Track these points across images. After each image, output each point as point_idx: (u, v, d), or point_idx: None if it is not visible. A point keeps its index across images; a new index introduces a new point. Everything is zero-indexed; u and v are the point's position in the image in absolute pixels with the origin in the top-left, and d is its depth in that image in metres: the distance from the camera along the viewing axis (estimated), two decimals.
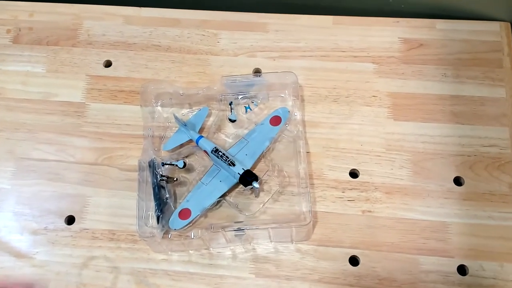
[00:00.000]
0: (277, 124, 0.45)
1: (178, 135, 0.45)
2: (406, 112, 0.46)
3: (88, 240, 0.42)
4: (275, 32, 0.51)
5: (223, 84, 0.45)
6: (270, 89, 0.46)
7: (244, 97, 0.46)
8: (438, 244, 0.40)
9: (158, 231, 0.39)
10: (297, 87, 0.45)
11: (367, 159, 0.44)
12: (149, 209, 0.41)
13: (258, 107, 0.46)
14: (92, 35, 0.51)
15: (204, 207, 0.41)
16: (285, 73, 0.45)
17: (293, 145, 0.44)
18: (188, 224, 0.40)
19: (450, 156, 0.44)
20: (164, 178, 0.42)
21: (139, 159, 0.42)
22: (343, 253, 0.40)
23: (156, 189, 0.41)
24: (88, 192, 0.44)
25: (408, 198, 0.42)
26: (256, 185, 0.40)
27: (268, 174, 0.43)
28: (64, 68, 0.50)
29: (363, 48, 0.49)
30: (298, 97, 0.45)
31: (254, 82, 0.45)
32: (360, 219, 0.42)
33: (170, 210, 0.41)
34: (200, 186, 0.42)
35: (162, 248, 0.41)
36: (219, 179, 0.42)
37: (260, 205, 0.42)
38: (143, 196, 0.40)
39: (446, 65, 0.48)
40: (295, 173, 0.43)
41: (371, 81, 0.48)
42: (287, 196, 0.43)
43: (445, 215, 0.42)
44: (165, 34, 0.51)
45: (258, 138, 0.44)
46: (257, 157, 0.43)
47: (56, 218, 0.43)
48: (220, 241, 0.40)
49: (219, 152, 0.42)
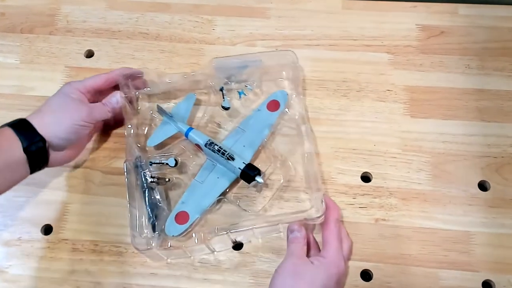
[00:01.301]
0: (276, 109, 0.43)
1: (163, 128, 0.43)
2: (424, 108, 0.45)
3: (68, 252, 0.40)
4: (277, 18, 0.49)
5: (213, 67, 0.43)
6: (266, 71, 0.45)
7: (236, 81, 0.44)
8: (461, 256, 0.39)
9: (155, 240, 0.37)
10: (296, 67, 0.44)
11: (381, 161, 0.43)
12: (142, 216, 0.39)
13: (253, 92, 0.45)
14: (71, 21, 0.50)
15: (203, 208, 0.39)
16: (282, 51, 0.44)
17: (296, 131, 0.43)
18: (187, 229, 0.39)
19: (475, 158, 0.42)
20: (155, 180, 0.40)
21: (125, 160, 0.40)
22: (353, 267, 0.39)
23: (147, 193, 0.39)
24: (68, 198, 0.42)
25: (427, 205, 0.41)
26: (260, 180, 0.39)
27: (272, 167, 0.41)
28: (40, 59, 0.48)
29: (377, 36, 0.48)
30: (298, 78, 0.44)
31: (248, 64, 0.43)
32: (373, 228, 0.40)
33: (165, 215, 0.39)
34: (195, 185, 0.40)
35: (162, 258, 0.39)
36: (216, 175, 0.40)
37: (264, 201, 0.40)
38: (134, 203, 0.39)
39: (470, 55, 0.47)
40: (300, 163, 0.42)
41: (386, 74, 0.46)
42: (293, 189, 0.41)
43: (468, 224, 0.40)
44: (153, 21, 0.50)
45: (256, 126, 0.42)
46: (257, 147, 0.41)
47: (31, 228, 0.41)
48: (226, 244, 0.39)
49: (215, 146, 0.40)
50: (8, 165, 0.34)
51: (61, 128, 0.37)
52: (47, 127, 0.36)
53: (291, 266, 0.34)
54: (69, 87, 0.39)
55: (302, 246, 0.36)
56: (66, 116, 0.37)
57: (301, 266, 0.34)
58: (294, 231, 0.37)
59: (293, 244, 0.36)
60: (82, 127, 0.38)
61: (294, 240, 0.36)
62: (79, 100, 0.38)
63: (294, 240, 0.36)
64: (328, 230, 0.37)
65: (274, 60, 0.44)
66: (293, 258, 0.35)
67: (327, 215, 0.37)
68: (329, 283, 0.34)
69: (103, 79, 0.40)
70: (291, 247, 0.36)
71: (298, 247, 0.36)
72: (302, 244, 0.36)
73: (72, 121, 0.37)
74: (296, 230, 0.37)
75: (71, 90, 0.38)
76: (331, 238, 0.36)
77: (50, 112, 0.37)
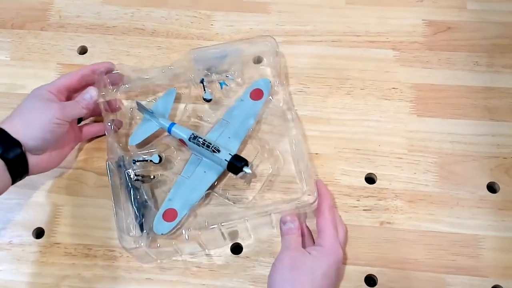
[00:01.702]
0: (259, 97, 0.43)
1: (144, 125, 0.42)
2: (431, 106, 0.44)
3: (60, 257, 0.39)
4: (278, 13, 0.49)
5: (192, 58, 0.42)
6: (247, 60, 0.45)
7: (217, 72, 0.44)
8: (469, 261, 0.38)
9: (144, 240, 0.37)
10: (275, 52, 0.43)
11: (386, 161, 0.42)
12: (128, 216, 0.39)
13: (235, 82, 0.44)
14: (64, 16, 0.49)
15: (192, 203, 0.39)
16: (262, 37, 0.43)
17: (282, 119, 0.43)
18: (176, 226, 0.38)
19: (483, 159, 0.42)
20: (139, 178, 0.39)
21: (107, 160, 0.40)
22: (358, 272, 0.38)
23: (132, 192, 0.39)
24: (60, 201, 0.41)
25: (434, 207, 0.40)
26: (248, 171, 0.39)
27: (259, 157, 0.41)
28: (31, 56, 0.47)
29: (382, 32, 0.48)
30: (278, 65, 0.44)
31: (227, 53, 0.43)
32: (378, 232, 0.40)
33: (152, 213, 0.39)
34: (182, 181, 0.40)
35: (151, 258, 0.39)
36: (202, 170, 0.40)
37: (254, 192, 0.40)
38: (119, 203, 0.38)
39: (478, 52, 0.46)
40: (289, 150, 0.42)
41: (391, 71, 0.46)
42: (283, 178, 0.41)
43: (477, 227, 0.40)
44: (149, 16, 0.49)
45: (240, 116, 0.42)
46: (243, 138, 0.41)
47: (22, 231, 0.40)
48: (218, 240, 0.38)
49: (199, 139, 0.40)
50: None
51: (34, 128, 0.36)
52: (19, 131, 0.35)
53: (288, 260, 0.34)
54: (38, 90, 0.38)
55: (296, 237, 0.36)
56: (36, 116, 0.36)
57: (298, 258, 0.34)
58: (287, 222, 0.36)
59: (288, 236, 0.36)
60: (56, 125, 0.37)
61: (288, 232, 0.36)
62: (49, 99, 0.38)
63: (288, 232, 0.36)
64: (322, 217, 0.36)
65: (254, 48, 0.43)
66: (290, 251, 0.35)
67: (320, 202, 0.37)
68: (329, 271, 0.34)
69: (75, 77, 0.40)
70: (286, 239, 0.36)
71: (293, 239, 0.35)
72: (297, 235, 0.36)
73: (43, 120, 0.36)
74: (289, 221, 0.36)
75: (40, 92, 0.38)
76: (326, 225, 0.36)
77: (20, 116, 0.36)
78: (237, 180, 0.41)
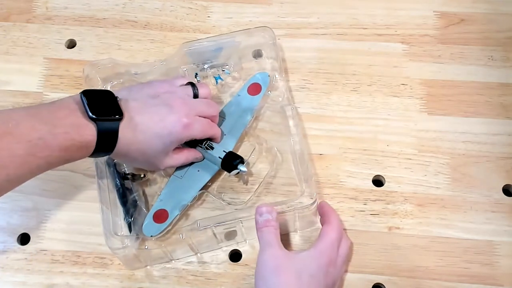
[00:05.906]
0: (257, 92, 0.43)
1: None
2: (443, 104, 0.45)
3: (47, 264, 0.40)
4: (279, 4, 0.49)
5: (185, 52, 0.43)
6: (243, 52, 0.45)
7: (212, 66, 0.45)
8: (483, 269, 0.39)
9: (131, 240, 0.38)
10: (274, 44, 0.44)
11: (394, 163, 0.43)
12: (117, 216, 0.40)
13: (231, 76, 0.45)
14: (51, 8, 0.50)
15: (184, 204, 0.39)
16: (258, 28, 0.44)
17: (281, 115, 0.43)
18: (166, 228, 0.39)
19: (499, 160, 0.42)
20: (129, 177, 0.40)
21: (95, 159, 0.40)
22: (365, 280, 0.39)
23: (121, 191, 0.40)
24: (47, 205, 0.42)
25: (446, 211, 0.41)
26: (243, 169, 0.39)
27: (256, 154, 0.42)
28: (16, 50, 0.48)
29: (390, 25, 0.48)
30: (277, 57, 0.44)
31: (222, 45, 0.44)
32: (386, 237, 0.40)
33: (143, 214, 0.40)
34: (174, 181, 0.40)
35: (140, 262, 0.39)
36: (196, 169, 0.41)
37: (251, 192, 0.41)
38: (107, 203, 0.39)
39: (493, 46, 0.47)
40: (289, 149, 0.42)
41: (400, 66, 0.46)
42: (281, 177, 0.42)
43: (492, 232, 0.40)
44: (142, 7, 0.50)
45: (237, 112, 0.43)
46: (239, 135, 0.42)
47: (6, 237, 0.41)
48: (210, 243, 0.39)
49: None
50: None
51: (139, 160, 0.37)
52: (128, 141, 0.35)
53: (272, 260, 0.34)
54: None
55: (275, 230, 0.35)
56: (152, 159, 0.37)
57: (283, 257, 0.34)
58: (264, 213, 0.35)
59: (266, 229, 0.35)
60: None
61: (266, 223, 0.35)
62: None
63: (266, 223, 0.35)
64: (328, 224, 0.36)
65: (251, 39, 0.44)
66: (272, 249, 0.34)
67: (330, 214, 0.37)
68: (317, 273, 0.33)
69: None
70: (265, 233, 0.35)
71: (273, 232, 0.35)
72: (275, 227, 0.35)
73: (152, 164, 0.38)
74: (266, 211, 0.35)
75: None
76: (330, 231, 0.36)
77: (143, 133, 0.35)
78: (233, 181, 0.41)
